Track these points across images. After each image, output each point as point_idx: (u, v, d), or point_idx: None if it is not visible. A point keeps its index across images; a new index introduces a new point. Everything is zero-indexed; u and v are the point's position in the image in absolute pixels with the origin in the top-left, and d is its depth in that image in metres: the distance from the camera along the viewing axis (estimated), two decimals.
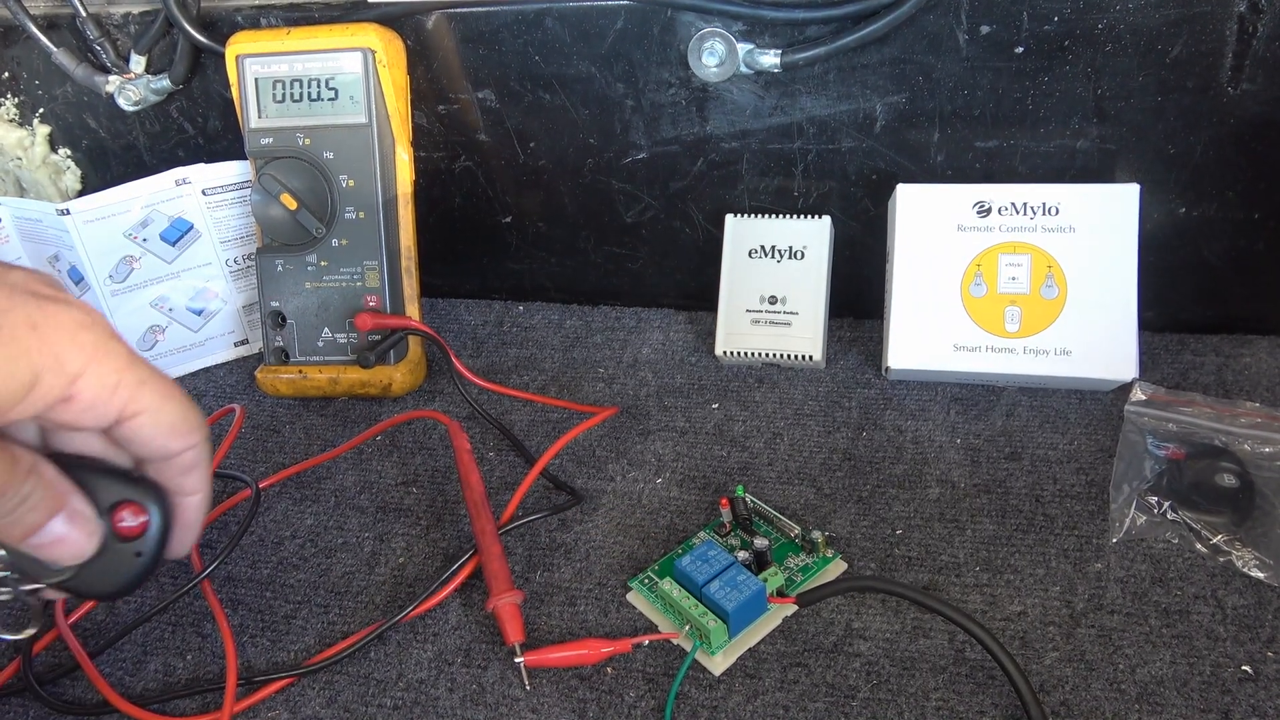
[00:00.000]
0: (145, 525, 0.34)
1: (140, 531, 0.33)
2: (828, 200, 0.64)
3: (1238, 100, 0.53)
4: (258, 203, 0.63)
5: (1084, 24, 0.52)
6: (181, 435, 0.33)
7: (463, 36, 0.61)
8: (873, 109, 0.58)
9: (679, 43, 0.58)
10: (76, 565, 0.33)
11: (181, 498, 0.35)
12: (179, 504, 0.35)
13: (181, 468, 0.34)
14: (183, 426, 0.33)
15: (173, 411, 0.33)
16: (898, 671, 0.44)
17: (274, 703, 0.46)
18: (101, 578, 0.34)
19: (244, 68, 0.62)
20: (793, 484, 0.55)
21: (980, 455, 0.55)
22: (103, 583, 0.34)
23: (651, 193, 0.66)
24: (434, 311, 0.75)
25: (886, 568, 0.49)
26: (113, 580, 0.34)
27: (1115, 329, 0.56)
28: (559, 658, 0.45)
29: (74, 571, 0.33)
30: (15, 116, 0.73)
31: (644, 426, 0.61)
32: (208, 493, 0.36)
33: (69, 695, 0.48)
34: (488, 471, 0.59)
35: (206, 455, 0.35)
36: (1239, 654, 0.43)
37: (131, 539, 0.33)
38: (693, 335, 0.69)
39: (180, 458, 0.34)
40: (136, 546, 0.34)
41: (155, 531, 0.34)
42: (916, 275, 0.59)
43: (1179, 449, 0.51)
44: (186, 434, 0.33)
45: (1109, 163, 0.57)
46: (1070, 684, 0.42)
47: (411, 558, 0.53)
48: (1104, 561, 0.48)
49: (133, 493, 0.34)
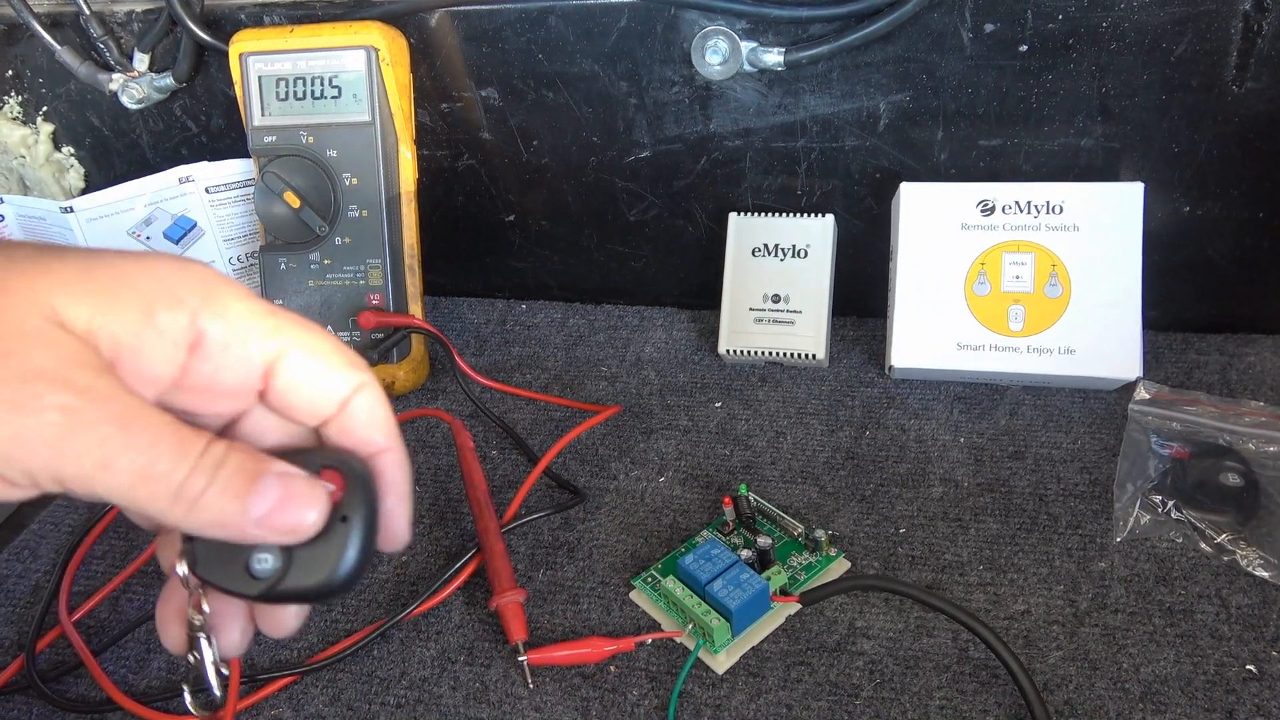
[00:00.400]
0: (342, 486, 0.28)
1: (339, 497, 0.28)
2: (831, 199, 0.63)
3: (1242, 99, 0.53)
4: (261, 201, 0.63)
5: (1088, 22, 0.52)
6: (342, 370, 0.28)
7: (466, 34, 0.61)
8: (876, 107, 0.58)
9: (682, 41, 0.58)
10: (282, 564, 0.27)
11: (373, 460, 0.29)
12: (374, 465, 0.29)
13: (358, 422, 0.29)
14: (340, 359, 0.28)
15: (323, 341, 0.28)
16: (901, 670, 0.44)
17: (277, 700, 0.46)
18: (313, 563, 0.27)
19: (247, 66, 0.62)
20: (796, 483, 0.55)
21: (984, 454, 0.55)
22: (316, 568, 0.27)
23: (655, 191, 0.66)
24: (437, 310, 0.75)
25: (890, 566, 0.49)
26: (328, 562, 0.27)
27: (1119, 328, 0.55)
28: (562, 656, 0.45)
29: (282, 568, 0.27)
30: (19, 114, 0.73)
31: (647, 425, 0.61)
32: (402, 449, 0.30)
33: (73, 693, 0.48)
34: (490, 470, 0.59)
35: (382, 398, 0.29)
36: (1243, 653, 0.43)
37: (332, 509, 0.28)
38: (696, 334, 0.69)
39: (353, 407, 0.28)
40: (340, 512, 0.28)
41: (358, 491, 0.28)
42: (920, 274, 0.59)
43: (1183, 448, 0.51)
44: (347, 368, 0.28)
45: (1113, 161, 0.57)
46: (1074, 683, 0.42)
47: (414, 556, 0.53)
48: (1108, 560, 0.48)
49: (319, 461, 0.28)
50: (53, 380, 0.23)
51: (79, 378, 0.23)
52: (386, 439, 0.29)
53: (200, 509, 0.25)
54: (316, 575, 0.27)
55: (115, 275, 0.25)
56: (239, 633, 0.31)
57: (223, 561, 0.28)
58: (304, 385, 0.28)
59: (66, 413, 0.23)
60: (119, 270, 0.25)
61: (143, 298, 0.25)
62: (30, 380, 0.22)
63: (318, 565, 0.27)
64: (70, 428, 0.23)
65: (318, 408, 0.28)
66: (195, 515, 0.25)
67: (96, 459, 0.23)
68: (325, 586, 0.27)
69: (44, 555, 0.57)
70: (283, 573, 0.27)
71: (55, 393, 0.23)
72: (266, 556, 0.28)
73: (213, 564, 0.29)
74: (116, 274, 0.25)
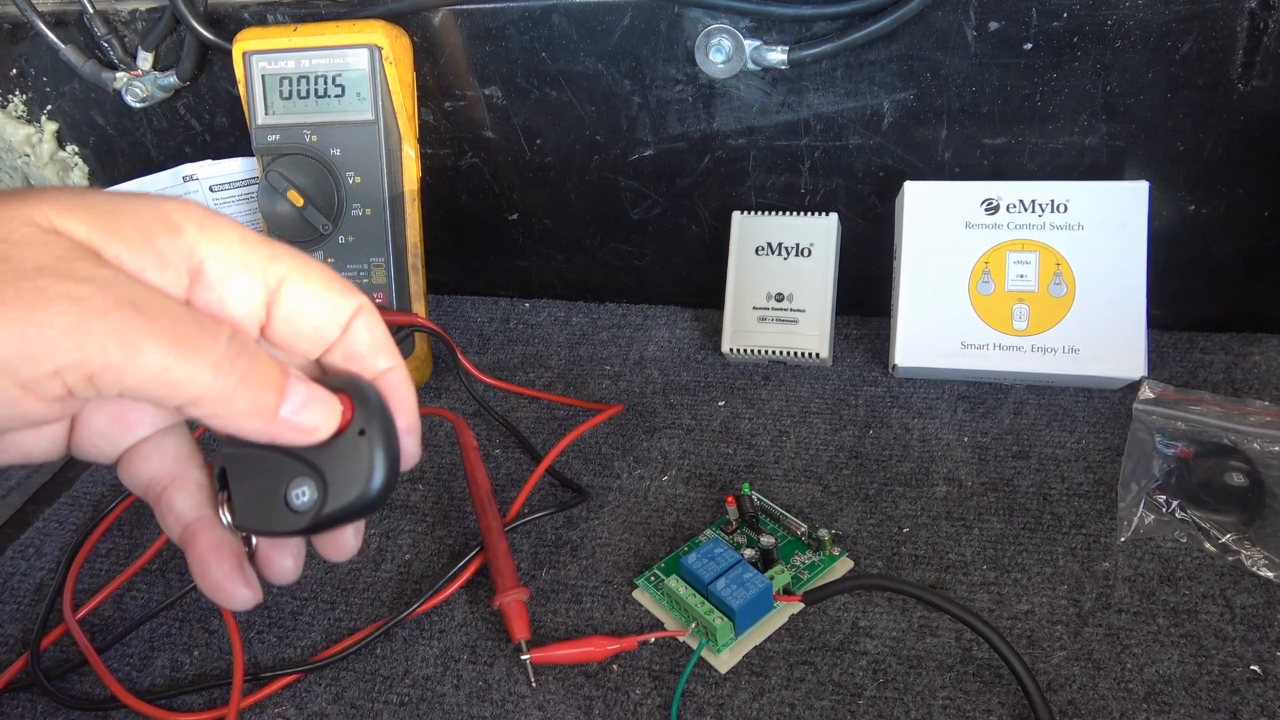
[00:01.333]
0: (351, 405, 0.28)
1: (350, 415, 0.28)
2: (835, 197, 0.63)
3: (1248, 97, 0.53)
4: (264, 199, 0.63)
5: (1093, 20, 0.52)
6: (342, 293, 0.28)
7: (469, 33, 0.61)
8: (880, 106, 0.58)
9: (686, 39, 0.58)
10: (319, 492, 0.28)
11: (378, 380, 0.30)
12: (381, 384, 0.30)
13: (361, 343, 0.29)
14: (337, 283, 0.28)
15: (318, 267, 0.28)
16: (904, 670, 0.44)
17: (280, 699, 0.46)
18: (347, 480, 0.28)
19: (251, 64, 0.62)
20: (799, 482, 0.55)
21: (988, 453, 0.55)
22: (352, 484, 0.28)
23: (658, 190, 0.66)
24: (440, 308, 0.75)
25: (893, 566, 0.49)
26: (359, 474, 0.28)
27: (1124, 327, 0.55)
28: (565, 655, 0.45)
29: (320, 496, 0.28)
30: (23, 113, 0.73)
31: (650, 424, 0.61)
32: (404, 367, 0.30)
33: (77, 690, 0.48)
34: (494, 468, 0.59)
35: (378, 320, 0.29)
36: (1247, 653, 0.43)
37: (346, 427, 0.28)
38: (699, 332, 0.68)
39: (354, 329, 0.29)
40: (356, 426, 0.28)
41: (369, 405, 0.28)
42: (924, 273, 0.59)
43: (1188, 447, 0.51)
44: (346, 292, 0.28)
45: (1118, 160, 0.57)
46: (1078, 683, 0.42)
47: (418, 554, 0.53)
48: (1112, 560, 0.48)
49: (329, 384, 0.29)
50: (53, 273, 0.22)
51: (80, 269, 0.22)
52: (390, 358, 0.30)
53: (236, 397, 0.25)
54: (353, 491, 0.28)
55: (112, 203, 0.25)
56: (291, 559, 0.31)
57: (261, 505, 0.29)
58: (308, 311, 0.28)
59: (75, 300, 0.22)
60: (115, 200, 0.25)
61: (142, 222, 0.25)
62: (30, 277, 0.22)
63: (352, 482, 0.28)
64: (83, 315, 0.22)
65: (322, 332, 0.28)
66: (233, 402, 0.25)
67: (120, 342, 0.22)
68: (364, 499, 0.28)
69: (48, 553, 0.57)
70: (323, 499, 0.28)
71: (59, 283, 0.22)
72: (303, 489, 0.28)
73: (252, 510, 0.29)
74: (113, 202, 0.25)
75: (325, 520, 0.28)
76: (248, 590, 0.29)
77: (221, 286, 0.26)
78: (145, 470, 0.29)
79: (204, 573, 0.28)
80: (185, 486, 0.29)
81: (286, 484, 0.28)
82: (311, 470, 0.28)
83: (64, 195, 0.24)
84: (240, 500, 0.29)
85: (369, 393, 0.29)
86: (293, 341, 0.28)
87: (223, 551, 0.29)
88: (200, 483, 0.30)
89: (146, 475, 0.29)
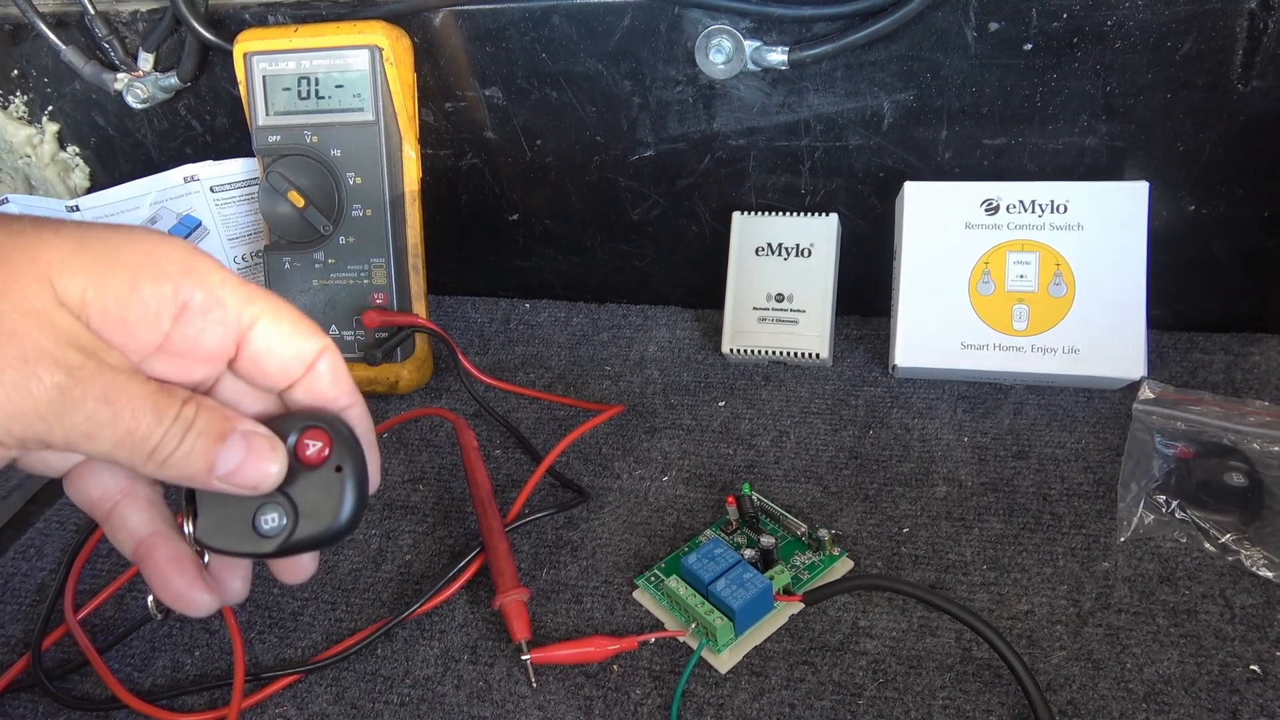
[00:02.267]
0: (330, 442, 0.30)
1: (328, 451, 0.30)
2: (835, 198, 0.63)
3: (1248, 97, 0.53)
4: (265, 200, 0.63)
5: (1093, 21, 0.52)
6: (308, 334, 0.31)
7: (470, 34, 0.61)
8: (880, 106, 0.58)
9: (686, 40, 0.58)
10: (290, 519, 0.30)
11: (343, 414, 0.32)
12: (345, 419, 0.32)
13: (324, 381, 0.32)
14: (305, 325, 0.31)
15: (289, 310, 0.31)
16: (904, 670, 0.44)
17: (281, 699, 0.46)
18: (318, 512, 0.30)
19: (252, 65, 0.62)
20: (799, 482, 0.55)
21: (987, 454, 0.55)
22: (322, 516, 0.30)
23: (658, 190, 0.66)
24: (441, 309, 0.75)
25: (893, 566, 0.49)
26: (330, 507, 0.30)
27: (1124, 327, 0.55)
28: (565, 655, 0.45)
29: (290, 523, 0.30)
30: (24, 114, 0.73)
31: (650, 424, 0.61)
32: (364, 404, 0.33)
33: (78, 691, 0.48)
34: (494, 469, 0.59)
35: (340, 361, 0.32)
36: (1247, 653, 0.43)
37: (323, 462, 0.30)
38: (699, 333, 0.69)
39: (317, 370, 0.31)
40: (333, 463, 0.30)
41: (345, 442, 0.31)
42: (924, 273, 0.59)
43: (1187, 448, 0.51)
44: (312, 333, 0.31)
45: (1118, 160, 0.57)
46: (1078, 683, 0.42)
47: (418, 555, 0.53)
48: (1112, 560, 0.48)
49: (303, 422, 0.31)
50: (51, 362, 0.26)
51: (72, 358, 0.26)
52: (350, 395, 0.32)
53: (170, 466, 0.28)
54: (323, 522, 0.30)
55: (105, 249, 0.27)
56: (239, 580, 0.33)
57: (228, 526, 0.31)
58: (275, 349, 0.30)
59: (61, 391, 0.26)
60: (108, 244, 0.28)
61: (130, 270, 0.27)
62: (32, 361, 0.25)
63: (322, 513, 0.30)
64: (63, 404, 0.26)
65: (288, 370, 0.31)
66: (166, 471, 0.28)
67: (84, 430, 0.26)
68: (332, 531, 0.30)
69: (49, 554, 0.57)
70: (292, 527, 0.30)
71: (52, 373, 0.25)
72: (273, 515, 0.30)
73: (218, 530, 0.31)
74: (106, 247, 0.27)
75: (292, 547, 0.30)
76: (210, 595, 0.31)
77: (200, 322, 0.29)
78: (95, 486, 0.31)
79: (164, 584, 0.30)
80: (137, 502, 0.31)
81: (257, 509, 0.30)
82: (284, 498, 0.30)
83: (65, 244, 0.27)
84: (207, 519, 0.31)
85: (344, 430, 0.31)
86: (258, 377, 0.31)
87: (183, 563, 0.31)
88: (151, 498, 0.32)
89: (96, 491, 0.31)
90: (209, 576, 0.31)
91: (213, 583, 0.31)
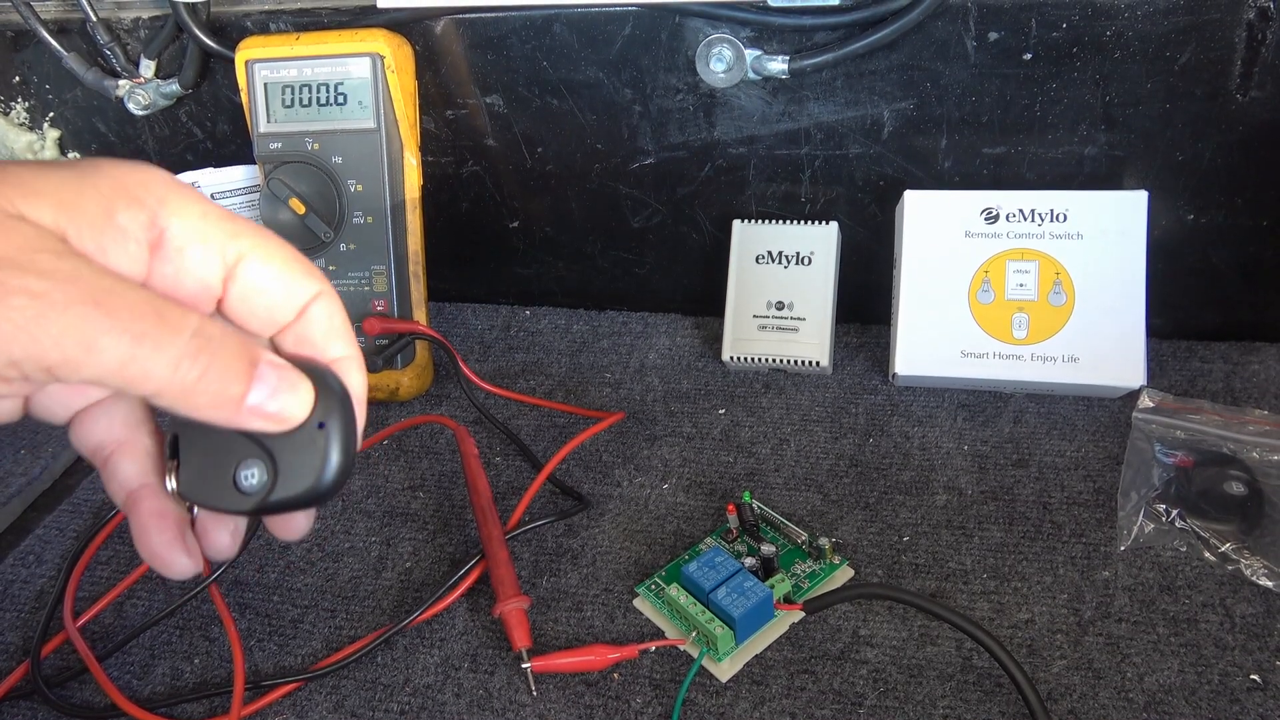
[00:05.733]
0: (316, 396, 0.28)
1: (314, 406, 0.28)
2: (835, 206, 0.64)
3: (1246, 107, 0.53)
4: (266, 207, 0.63)
5: (1092, 31, 0.52)
6: (301, 276, 0.28)
7: (471, 42, 0.61)
8: (880, 115, 0.58)
9: (687, 48, 0.58)
10: (269, 476, 0.27)
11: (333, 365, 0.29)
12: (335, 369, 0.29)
13: (317, 329, 0.29)
14: (298, 266, 0.28)
15: (281, 248, 0.27)
16: (905, 679, 0.44)
17: (281, 707, 0.46)
18: (299, 471, 0.27)
19: (253, 73, 0.63)
20: (799, 490, 0.55)
21: (987, 462, 0.55)
22: (303, 475, 0.27)
23: (659, 198, 0.66)
24: (441, 316, 0.75)
25: (893, 574, 0.49)
26: (312, 467, 0.27)
27: (1123, 336, 0.55)
28: (566, 663, 0.45)
29: (270, 480, 0.28)
30: (25, 120, 0.73)
31: (650, 432, 0.61)
32: (359, 357, 0.30)
33: (77, 698, 0.48)
34: (494, 476, 0.59)
35: (338, 308, 0.29)
36: (1247, 663, 0.43)
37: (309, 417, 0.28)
38: (699, 341, 0.69)
39: (311, 314, 0.28)
40: (316, 419, 0.28)
41: (333, 397, 0.28)
42: (924, 281, 0.59)
43: (1187, 456, 0.51)
44: (306, 275, 0.28)
45: (1117, 169, 0.57)
46: (1078, 692, 0.42)
47: (418, 563, 0.53)
48: (1112, 569, 0.48)
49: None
50: (14, 266, 0.22)
51: (42, 261, 0.22)
52: (345, 346, 0.29)
53: (197, 392, 0.24)
54: (304, 482, 0.27)
55: (75, 176, 0.25)
56: (229, 535, 0.30)
57: (209, 479, 0.28)
58: (264, 290, 0.27)
59: (34, 296, 0.22)
60: (77, 171, 0.25)
61: (103, 196, 0.24)
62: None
63: (304, 472, 0.27)
64: (41, 311, 0.22)
65: (276, 314, 0.28)
66: (191, 398, 0.25)
67: (77, 341, 0.22)
68: (314, 492, 0.28)
69: (49, 560, 0.57)
70: (271, 484, 0.28)
71: (19, 276, 0.22)
72: (253, 471, 0.28)
73: (198, 483, 0.29)
74: (76, 174, 0.25)
75: (271, 506, 0.28)
76: (188, 559, 0.29)
77: (179, 259, 0.26)
78: (95, 433, 0.29)
79: (144, 540, 0.28)
80: (133, 452, 0.29)
81: (237, 463, 0.28)
82: (264, 453, 0.28)
83: (29, 176, 0.24)
84: (188, 471, 0.29)
85: (333, 383, 0.28)
86: (245, 320, 0.28)
87: (165, 520, 0.29)
88: (149, 449, 0.29)
89: (96, 438, 0.29)
90: (191, 538, 0.29)
91: (194, 546, 0.29)
